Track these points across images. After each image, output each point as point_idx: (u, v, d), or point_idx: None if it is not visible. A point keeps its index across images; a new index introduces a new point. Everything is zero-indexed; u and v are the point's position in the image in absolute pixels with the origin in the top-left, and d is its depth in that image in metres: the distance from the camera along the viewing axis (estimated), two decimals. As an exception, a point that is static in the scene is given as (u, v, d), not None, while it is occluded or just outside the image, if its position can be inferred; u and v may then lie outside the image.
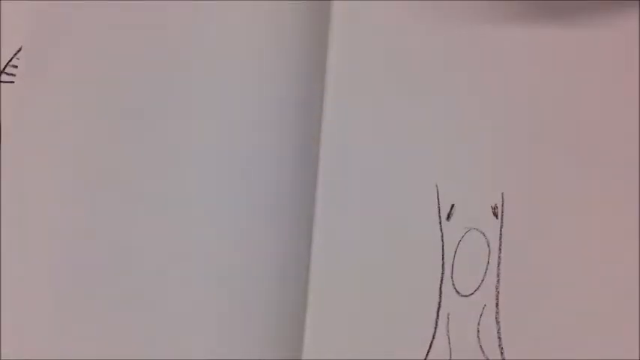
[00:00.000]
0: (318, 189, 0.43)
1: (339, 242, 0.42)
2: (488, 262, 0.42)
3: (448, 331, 0.41)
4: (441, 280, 0.42)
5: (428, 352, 0.41)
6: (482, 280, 0.42)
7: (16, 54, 0.45)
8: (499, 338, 0.41)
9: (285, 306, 0.42)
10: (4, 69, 0.44)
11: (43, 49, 0.45)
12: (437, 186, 0.43)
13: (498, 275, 0.42)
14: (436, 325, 0.41)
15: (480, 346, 0.41)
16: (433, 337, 0.41)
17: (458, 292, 0.41)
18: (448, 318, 0.41)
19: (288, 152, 0.44)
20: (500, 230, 0.42)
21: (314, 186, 0.43)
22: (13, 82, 0.44)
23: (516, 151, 0.43)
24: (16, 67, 0.45)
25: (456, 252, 0.42)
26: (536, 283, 0.41)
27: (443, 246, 0.42)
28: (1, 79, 0.44)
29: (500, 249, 0.42)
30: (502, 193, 0.42)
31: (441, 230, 0.42)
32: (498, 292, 0.41)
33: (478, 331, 0.41)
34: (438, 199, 0.43)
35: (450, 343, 0.41)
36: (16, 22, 0.45)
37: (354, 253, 0.42)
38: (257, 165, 0.44)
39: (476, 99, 0.44)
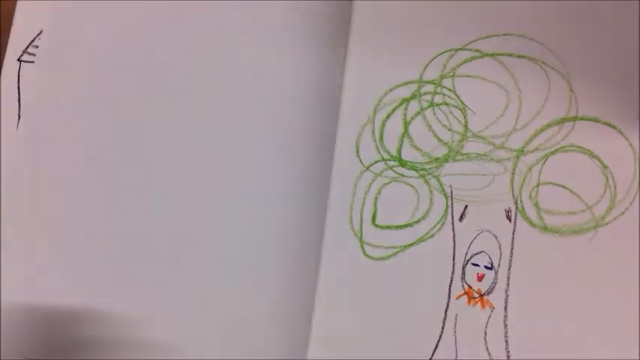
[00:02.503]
0: (332, 185, 0.43)
1: (349, 241, 0.42)
2: (499, 264, 0.42)
3: (455, 332, 0.41)
4: (451, 280, 0.42)
5: (434, 351, 0.41)
6: (494, 283, 0.41)
7: (37, 36, 0.45)
8: (506, 342, 0.41)
9: (293, 301, 0.42)
10: (25, 50, 0.45)
11: (61, 34, 0.46)
12: (450, 186, 0.43)
13: (508, 279, 0.41)
14: (443, 325, 0.41)
15: (487, 349, 0.41)
16: (440, 337, 0.41)
17: (466, 293, 0.41)
18: (456, 319, 0.41)
19: (303, 150, 0.44)
20: (513, 234, 0.42)
21: (328, 181, 0.43)
22: (33, 61, 0.45)
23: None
24: (37, 47, 0.45)
25: (467, 253, 0.42)
26: (545, 290, 0.41)
27: (454, 246, 0.42)
28: (22, 59, 0.45)
29: (511, 252, 0.42)
30: (515, 199, 0.42)
31: (453, 231, 0.42)
32: (507, 296, 0.41)
33: (485, 333, 0.41)
34: (452, 200, 0.43)
35: (456, 344, 0.41)
36: (37, 8, 0.46)
37: (364, 249, 0.42)
38: (273, 159, 0.44)
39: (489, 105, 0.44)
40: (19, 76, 0.45)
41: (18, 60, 0.45)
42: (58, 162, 0.44)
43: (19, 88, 0.45)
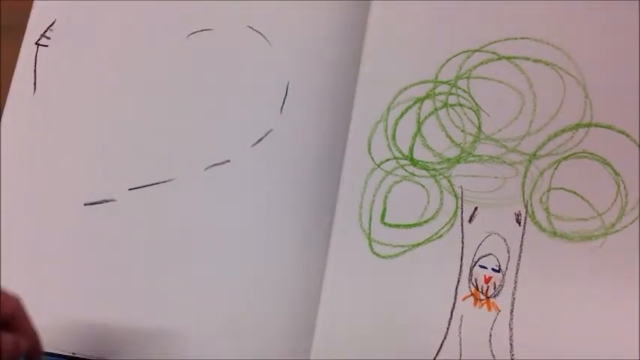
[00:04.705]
0: (342, 181, 0.43)
1: (357, 238, 0.42)
2: (506, 268, 0.42)
3: (460, 333, 0.41)
4: (458, 281, 0.42)
5: (438, 351, 0.41)
6: (501, 286, 0.41)
7: (50, 26, 0.46)
8: (511, 345, 0.41)
9: (298, 298, 0.42)
10: (40, 38, 0.46)
11: (74, 23, 0.46)
12: (461, 187, 0.43)
13: (515, 282, 0.41)
14: (448, 325, 0.41)
15: (491, 351, 0.41)
16: (445, 338, 0.41)
17: (472, 295, 0.41)
18: (461, 320, 0.41)
19: (315, 145, 0.44)
20: (522, 238, 0.42)
21: (338, 178, 0.43)
22: (47, 45, 0.45)
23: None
24: (49, 38, 0.46)
25: (475, 255, 0.42)
26: (552, 295, 0.41)
27: (463, 248, 0.42)
28: (40, 43, 0.46)
29: (520, 256, 0.42)
30: (526, 203, 0.42)
31: (462, 232, 0.42)
32: (514, 299, 0.41)
33: (490, 335, 0.41)
34: (462, 201, 0.43)
35: (460, 345, 0.41)
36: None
37: (372, 247, 0.42)
38: (284, 154, 0.44)
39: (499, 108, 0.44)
40: (36, 59, 0.45)
41: (36, 44, 0.45)
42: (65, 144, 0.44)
43: (35, 71, 0.45)
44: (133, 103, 0.45)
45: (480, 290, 0.42)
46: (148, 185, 0.43)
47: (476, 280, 0.42)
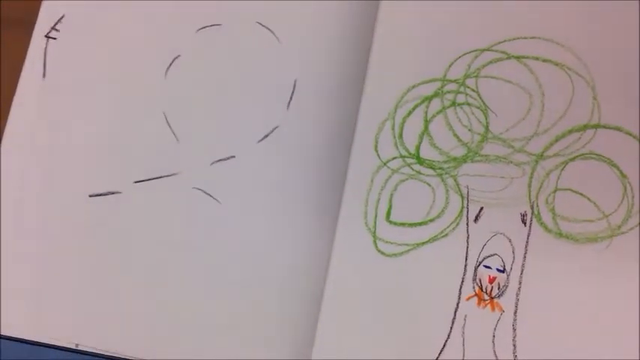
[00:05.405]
0: (348, 179, 0.43)
1: (362, 235, 0.42)
2: (511, 268, 0.42)
3: (463, 333, 0.41)
4: (462, 281, 0.42)
5: (441, 351, 0.41)
6: (505, 287, 0.41)
7: (59, 20, 0.46)
8: (514, 345, 0.41)
9: (300, 300, 0.42)
10: (49, 32, 0.46)
11: (83, 16, 0.46)
12: (467, 186, 0.43)
13: (520, 283, 0.41)
14: (452, 325, 0.41)
15: (494, 352, 0.41)
16: (448, 337, 0.41)
17: (476, 295, 0.41)
18: (465, 320, 0.41)
19: (321, 142, 0.44)
20: (528, 238, 0.42)
21: (344, 175, 0.43)
22: (56, 38, 0.46)
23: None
24: (58, 30, 0.46)
25: (479, 255, 0.42)
26: (556, 296, 0.41)
27: (468, 247, 0.42)
28: (49, 35, 0.46)
29: (525, 256, 0.41)
30: (532, 204, 0.42)
31: (468, 232, 0.42)
32: (518, 300, 0.41)
33: (494, 336, 0.41)
34: (468, 200, 0.43)
35: (464, 345, 0.41)
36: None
37: (377, 245, 0.42)
38: (290, 149, 0.44)
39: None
40: (45, 51, 0.45)
41: (45, 36, 0.46)
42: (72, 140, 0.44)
43: (44, 64, 0.45)
44: (140, 97, 0.45)
45: (484, 290, 0.41)
46: (153, 178, 0.44)
47: (480, 280, 0.42)
